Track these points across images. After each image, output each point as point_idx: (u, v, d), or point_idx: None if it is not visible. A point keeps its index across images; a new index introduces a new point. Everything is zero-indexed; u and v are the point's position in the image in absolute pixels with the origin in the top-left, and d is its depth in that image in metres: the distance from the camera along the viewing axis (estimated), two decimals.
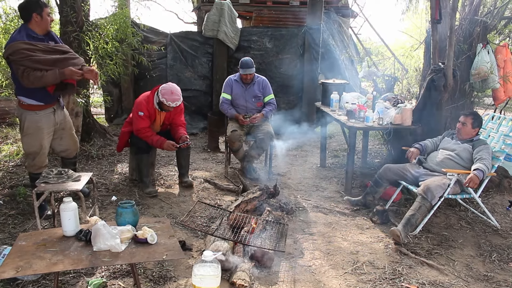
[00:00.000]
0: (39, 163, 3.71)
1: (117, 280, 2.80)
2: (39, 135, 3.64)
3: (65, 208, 2.38)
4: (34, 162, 3.69)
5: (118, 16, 5.84)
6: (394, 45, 11.93)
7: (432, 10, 4.44)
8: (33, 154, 3.67)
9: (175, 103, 4.19)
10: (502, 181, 4.76)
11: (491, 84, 4.85)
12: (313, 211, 4.19)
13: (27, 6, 3.47)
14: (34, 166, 3.71)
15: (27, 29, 3.46)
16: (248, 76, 5.06)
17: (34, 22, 3.46)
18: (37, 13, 3.43)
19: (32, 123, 3.60)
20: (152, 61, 7.47)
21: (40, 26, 3.49)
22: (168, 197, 4.39)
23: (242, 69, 5.02)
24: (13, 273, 2.01)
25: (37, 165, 3.71)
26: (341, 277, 2.99)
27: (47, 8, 3.50)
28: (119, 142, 4.66)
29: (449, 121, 4.87)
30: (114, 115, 7.90)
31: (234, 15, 7.78)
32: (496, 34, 5.59)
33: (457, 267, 3.19)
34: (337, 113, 4.98)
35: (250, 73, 5.04)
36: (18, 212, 3.83)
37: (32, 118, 3.59)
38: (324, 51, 7.71)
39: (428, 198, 3.57)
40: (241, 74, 5.06)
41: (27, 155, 3.74)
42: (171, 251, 2.26)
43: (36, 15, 3.44)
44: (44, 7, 3.46)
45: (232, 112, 5.08)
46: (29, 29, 3.46)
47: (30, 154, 3.69)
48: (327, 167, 5.69)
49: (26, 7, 3.47)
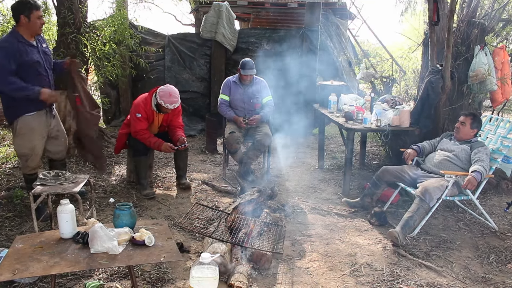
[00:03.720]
0: (32, 164, 3.67)
1: (114, 283, 2.79)
2: (31, 136, 3.59)
3: (62, 210, 2.36)
4: (27, 163, 3.66)
5: (115, 17, 5.83)
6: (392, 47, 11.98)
7: (430, 12, 4.45)
8: (25, 155, 3.63)
9: (173, 105, 4.19)
10: (500, 183, 4.77)
11: (489, 86, 4.86)
12: (311, 213, 4.18)
13: (16, 7, 3.39)
14: (27, 167, 3.68)
15: (15, 33, 3.39)
16: (248, 77, 5.05)
17: (22, 25, 3.38)
18: (25, 15, 3.34)
19: (24, 123, 3.55)
20: (150, 62, 7.46)
21: (28, 29, 3.40)
22: (166, 199, 4.38)
23: (243, 69, 5.01)
24: (10, 276, 2.00)
25: (30, 166, 3.67)
26: (339, 279, 2.99)
27: (37, 11, 3.38)
28: (116, 144, 4.65)
29: (447, 123, 4.88)
30: (111, 117, 7.88)
31: (232, 16, 7.78)
32: (493, 36, 5.62)
33: (455, 269, 3.19)
34: (335, 115, 4.99)
35: (251, 74, 5.03)
36: (15, 215, 3.82)
37: (24, 119, 3.54)
38: (322, 53, 7.72)
39: (426, 200, 3.57)
40: (241, 75, 5.05)
41: (19, 157, 3.71)
42: (168, 253, 2.25)
43: (23, 17, 3.34)
44: (33, 10, 3.35)
45: (230, 114, 5.08)
46: (17, 33, 3.39)
47: (22, 155, 3.65)
48: (325, 169, 5.69)
49: (15, 8, 3.40)
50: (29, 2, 3.37)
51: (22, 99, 3.45)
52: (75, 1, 5.31)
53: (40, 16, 3.42)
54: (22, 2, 3.38)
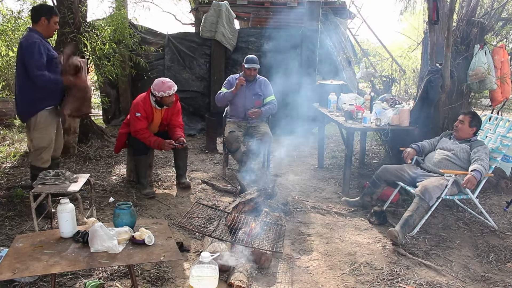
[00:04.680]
0: (47, 156, 3.82)
1: (114, 282, 2.80)
2: (49, 129, 3.78)
3: (62, 209, 2.37)
4: (42, 156, 3.78)
5: (115, 17, 5.83)
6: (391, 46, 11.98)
7: (430, 11, 4.45)
8: (42, 148, 3.76)
9: (172, 90, 4.24)
10: (499, 182, 4.78)
11: (488, 85, 4.86)
12: (311, 212, 4.18)
13: (39, 9, 3.74)
14: (41, 159, 3.79)
15: (35, 31, 3.65)
16: (253, 72, 5.06)
17: (40, 25, 3.65)
18: (46, 17, 3.65)
19: (44, 117, 3.71)
20: (150, 62, 7.46)
21: (45, 30, 3.70)
22: (166, 198, 4.38)
23: (247, 63, 5.03)
24: (10, 275, 2.00)
25: (44, 159, 3.80)
26: (339, 278, 2.99)
27: (56, 17, 3.74)
28: (116, 143, 4.65)
29: (446, 122, 4.88)
30: (111, 116, 7.89)
31: (231, 16, 7.78)
32: (493, 35, 5.62)
33: (454, 268, 3.19)
34: (335, 114, 4.99)
35: (255, 68, 5.05)
36: (15, 214, 3.82)
37: (44, 113, 3.70)
38: (322, 52, 7.72)
39: (426, 199, 3.58)
40: (246, 69, 5.06)
41: (36, 150, 3.78)
42: (168, 253, 2.25)
43: (44, 19, 3.65)
44: (53, 15, 3.70)
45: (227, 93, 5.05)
46: (36, 31, 3.65)
47: (39, 148, 3.76)
48: (325, 168, 5.70)
49: (38, 9, 3.72)
50: (52, 8, 3.84)
51: (44, 94, 3.64)
52: (74, 1, 5.31)
53: (57, 22, 3.77)
54: (46, 5, 3.84)
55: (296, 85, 7.83)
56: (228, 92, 5.06)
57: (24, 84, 3.61)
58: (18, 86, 3.67)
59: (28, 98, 3.65)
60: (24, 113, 3.74)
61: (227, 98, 5.11)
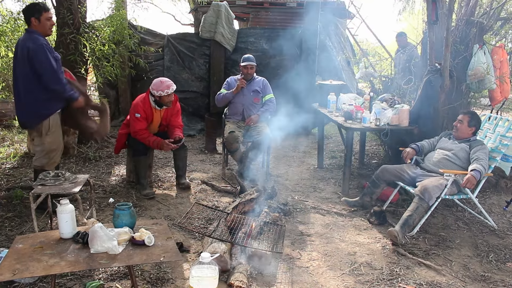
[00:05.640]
0: (57, 158, 3.85)
1: (114, 282, 2.79)
2: (59, 131, 3.80)
3: (62, 210, 2.37)
4: (54, 159, 3.79)
5: (115, 18, 5.83)
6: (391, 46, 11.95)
7: (429, 11, 4.45)
8: (54, 151, 3.76)
9: (171, 89, 4.23)
10: (499, 182, 4.78)
11: (488, 84, 4.86)
12: (310, 212, 4.19)
13: (26, 10, 3.60)
14: (53, 163, 3.81)
15: (36, 32, 3.55)
16: (249, 70, 5.07)
17: (34, 26, 3.56)
18: (35, 17, 3.53)
19: (55, 121, 3.72)
20: (149, 62, 7.45)
21: (40, 29, 3.58)
22: (166, 199, 4.38)
23: (243, 62, 5.06)
24: (10, 276, 2.00)
25: (56, 161, 3.83)
26: (339, 278, 2.99)
27: (46, 13, 3.57)
28: (116, 144, 4.66)
29: (446, 122, 4.88)
30: (111, 117, 7.86)
31: (231, 16, 7.78)
32: (492, 35, 5.62)
33: (454, 268, 3.19)
34: (334, 114, 4.99)
35: (252, 65, 5.07)
36: (15, 215, 3.82)
37: (54, 117, 3.71)
38: (321, 52, 7.71)
39: (425, 198, 3.58)
40: (242, 68, 5.08)
41: (47, 153, 3.75)
42: (168, 253, 2.26)
43: (34, 19, 3.54)
44: (43, 11, 3.54)
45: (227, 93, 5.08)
46: (35, 31, 3.56)
47: (52, 151, 3.75)
48: (325, 168, 5.70)
49: (25, 11, 3.61)
50: (38, 4, 3.63)
51: (56, 96, 3.61)
52: (74, 1, 5.31)
53: (50, 17, 3.61)
54: (32, 4, 3.61)
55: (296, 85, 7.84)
56: (228, 93, 5.07)
57: (33, 88, 3.51)
58: (24, 91, 3.55)
59: (39, 102, 3.56)
60: (33, 119, 3.63)
61: (227, 99, 5.12)
